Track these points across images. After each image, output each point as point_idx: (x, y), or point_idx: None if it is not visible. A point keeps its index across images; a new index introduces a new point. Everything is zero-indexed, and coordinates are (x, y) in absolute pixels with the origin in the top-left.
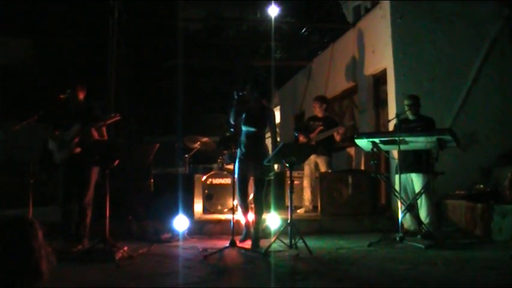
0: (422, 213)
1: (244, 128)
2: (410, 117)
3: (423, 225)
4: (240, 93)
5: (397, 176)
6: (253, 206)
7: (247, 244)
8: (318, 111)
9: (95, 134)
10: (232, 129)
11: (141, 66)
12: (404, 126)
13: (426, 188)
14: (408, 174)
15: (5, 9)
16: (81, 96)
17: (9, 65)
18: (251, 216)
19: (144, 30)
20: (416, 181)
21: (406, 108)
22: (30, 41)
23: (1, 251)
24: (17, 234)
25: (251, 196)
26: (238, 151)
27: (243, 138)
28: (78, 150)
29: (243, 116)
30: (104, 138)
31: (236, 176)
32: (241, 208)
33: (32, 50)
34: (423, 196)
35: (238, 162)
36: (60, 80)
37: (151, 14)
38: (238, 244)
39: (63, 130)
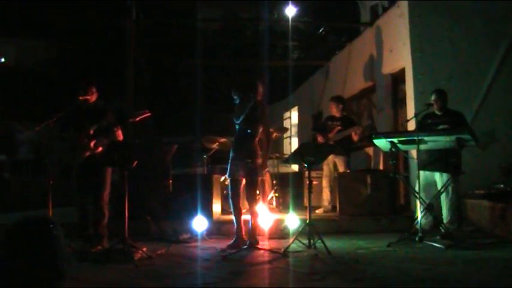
0: (444, 212)
1: (237, 127)
2: (437, 112)
3: (442, 225)
4: (253, 96)
5: (421, 173)
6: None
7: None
8: (335, 112)
9: (120, 134)
10: (249, 130)
11: (159, 67)
12: (431, 122)
13: (447, 187)
14: (432, 172)
15: (23, 11)
16: (94, 97)
17: (28, 66)
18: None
19: (161, 31)
20: (439, 179)
21: (432, 102)
22: (49, 42)
23: (24, 252)
24: (40, 235)
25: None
26: (231, 152)
27: (236, 137)
28: (100, 149)
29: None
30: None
31: (227, 176)
32: (233, 210)
33: (50, 52)
34: (444, 195)
35: (230, 161)
36: (78, 81)
37: (169, 14)
38: (228, 250)
39: (75, 131)
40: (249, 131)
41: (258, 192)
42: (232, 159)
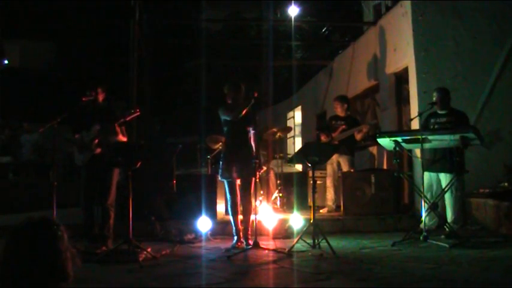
0: (448, 212)
1: (230, 127)
2: (439, 111)
3: (447, 224)
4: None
5: (425, 172)
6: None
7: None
8: (340, 111)
9: (118, 131)
10: (252, 130)
11: (162, 67)
12: (434, 121)
13: (451, 186)
14: (436, 172)
15: (27, 13)
16: (101, 97)
17: (34, 67)
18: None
19: (165, 31)
20: (443, 179)
21: (435, 101)
22: (54, 44)
23: (28, 253)
24: (43, 236)
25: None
26: (223, 153)
27: (229, 138)
28: (98, 151)
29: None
30: (124, 136)
31: (224, 178)
32: (231, 211)
33: (56, 53)
34: (448, 194)
35: (223, 162)
36: (83, 81)
37: (172, 14)
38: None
39: (84, 132)
40: (253, 131)
41: (262, 191)
42: (228, 159)
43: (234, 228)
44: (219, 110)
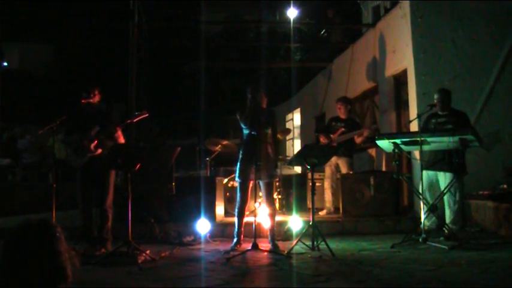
0: (447, 213)
1: (249, 131)
2: (441, 112)
3: (446, 226)
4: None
5: (425, 173)
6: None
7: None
8: (342, 113)
9: (120, 135)
10: (254, 133)
11: (161, 69)
12: (435, 121)
13: (450, 187)
14: (435, 172)
15: (26, 15)
16: (98, 99)
17: (33, 70)
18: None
19: (164, 33)
20: (443, 180)
21: (434, 103)
22: (52, 46)
23: (26, 254)
24: (42, 237)
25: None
26: (241, 154)
27: (247, 140)
28: (99, 151)
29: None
30: (121, 139)
31: (239, 179)
32: (238, 212)
33: (55, 55)
34: (448, 195)
35: (241, 165)
36: (82, 84)
37: (172, 16)
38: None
39: (80, 133)
40: (270, 135)
41: (261, 193)
42: (245, 161)
43: (236, 229)
44: (236, 113)
